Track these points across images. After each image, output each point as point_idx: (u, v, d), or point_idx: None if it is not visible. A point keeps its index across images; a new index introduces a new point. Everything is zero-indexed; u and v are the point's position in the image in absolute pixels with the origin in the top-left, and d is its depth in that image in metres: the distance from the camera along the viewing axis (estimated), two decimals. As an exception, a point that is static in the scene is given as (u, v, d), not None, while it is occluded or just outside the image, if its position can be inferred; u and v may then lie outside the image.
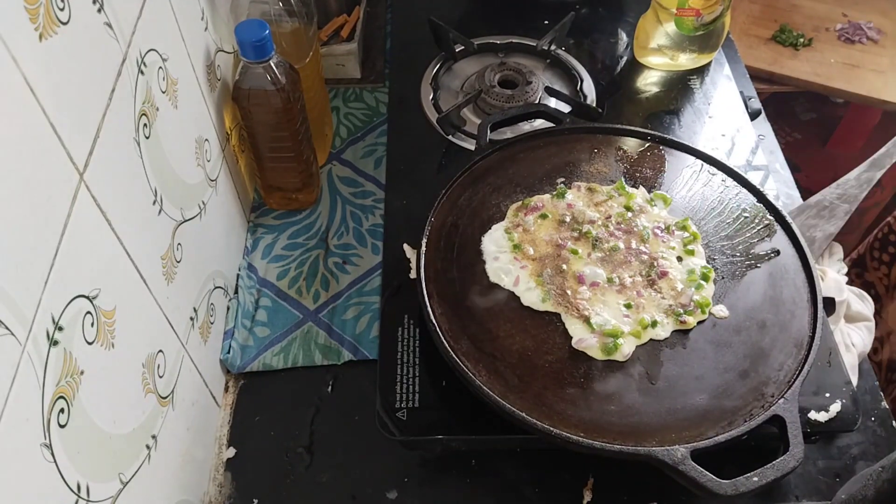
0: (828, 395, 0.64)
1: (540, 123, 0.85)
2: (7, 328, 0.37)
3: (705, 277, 0.67)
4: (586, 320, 0.64)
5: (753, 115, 0.93)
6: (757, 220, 0.73)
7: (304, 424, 0.71)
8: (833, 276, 0.76)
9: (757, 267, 0.69)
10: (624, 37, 1.02)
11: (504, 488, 0.67)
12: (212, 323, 0.72)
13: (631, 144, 0.80)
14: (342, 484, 0.67)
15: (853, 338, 0.75)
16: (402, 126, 0.89)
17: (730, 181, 0.76)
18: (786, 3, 1.60)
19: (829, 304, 0.73)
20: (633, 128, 0.81)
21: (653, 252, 0.69)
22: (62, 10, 0.44)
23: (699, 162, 0.78)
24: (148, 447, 0.55)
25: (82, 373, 0.45)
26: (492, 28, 1.00)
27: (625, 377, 0.62)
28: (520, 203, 0.73)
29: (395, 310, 0.70)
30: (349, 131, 0.96)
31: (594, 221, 0.71)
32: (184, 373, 0.63)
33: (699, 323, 0.65)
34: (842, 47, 1.53)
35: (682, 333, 0.64)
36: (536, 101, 0.90)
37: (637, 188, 0.75)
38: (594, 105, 0.91)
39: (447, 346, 0.62)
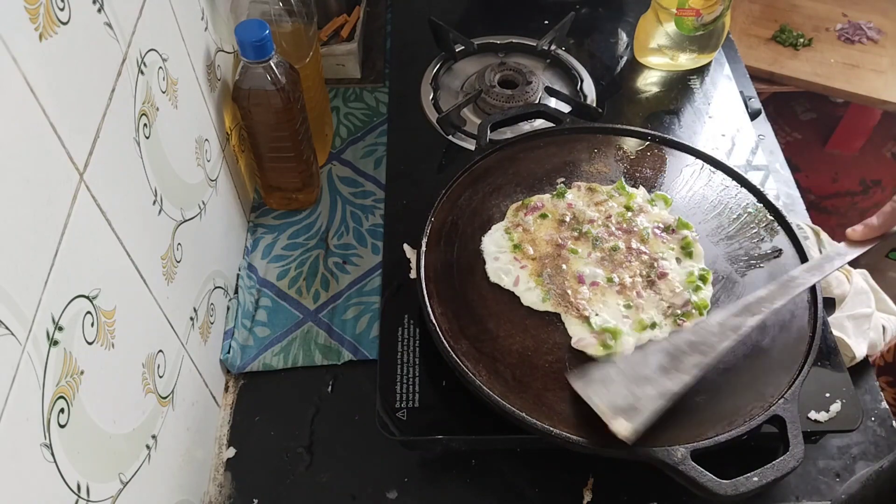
0: (828, 395, 0.64)
1: (540, 123, 0.85)
2: (7, 328, 0.37)
3: (703, 279, 0.67)
4: (586, 320, 0.64)
5: (753, 115, 0.93)
6: (757, 220, 0.73)
7: (304, 424, 0.71)
8: (835, 273, 0.76)
9: (758, 267, 0.69)
10: (624, 37, 1.02)
11: (504, 488, 0.67)
12: (212, 323, 0.72)
13: (631, 144, 0.80)
14: (342, 484, 0.67)
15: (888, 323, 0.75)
16: (402, 126, 0.89)
17: (730, 181, 0.76)
18: (786, 3, 1.60)
19: (830, 304, 0.73)
20: (633, 128, 0.81)
21: (653, 252, 0.69)
22: (62, 10, 0.44)
23: (699, 162, 0.78)
24: (148, 447, 0.55)
25: (82, 373, 0.45)
26: (492, 28, 1.00)
27: (625, 377, 0.61)
28: (520, 203, 0.73)
29: (395, 310, 0.70)
30: (349, 131, 0.96)
31: (594, 221, 0.71)
32: (184, 373, 0.63)
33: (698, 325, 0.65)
34: (842, 47, 1.53)
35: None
36: (536, 101, 0.90)
37: (637, 188, 0.75)
38: (594, 105, 0.91)
39: (447, 346, 0.62)
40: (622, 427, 0.55)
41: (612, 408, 0.57)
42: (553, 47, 0.97)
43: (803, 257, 0.69)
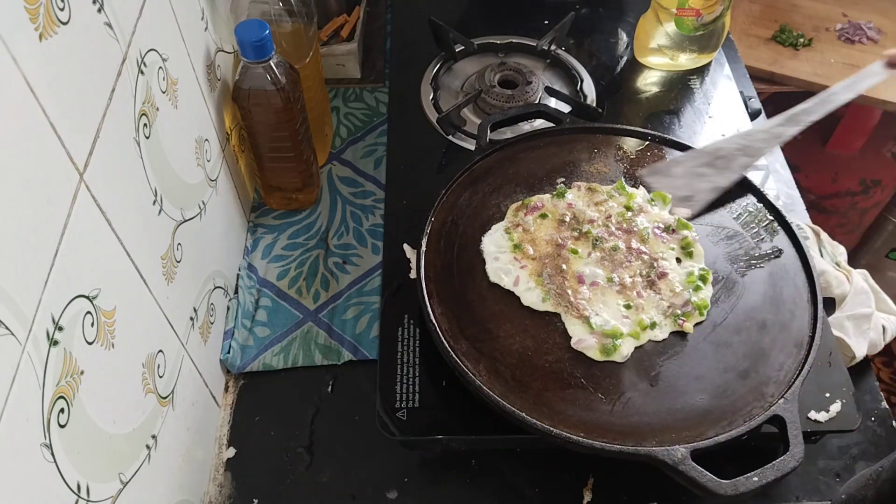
0: (828, 395, 0.64)
1: (540, 123, 0.85)
2: (7, 328, 0.37)
3: (703, 279, 0.67)
4: (586, 320, 0.64)
5: (753, 115, 0.93)
6: (757, 220, 0.73)
7: (304, 424, 0.71)
8: (834, 274, 0.76)
9: (759, 267, 0.69)
10: (624, 37, 1.02)
11: (504, 488, 0.67)
12: (212, 323, 0.72)
13: (631, 144, 0.80)
14: (342, 484, 0.67)
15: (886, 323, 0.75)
16: (402, 126, 0.89)
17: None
18: (786, 3, 1.60)
19: (829, 304, 0.73)
20: (632, 128, 0.81)
21: (653, 252, 0.69)
22: (62, 10, 0.44)
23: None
24: (148, 447, 0.55)
25: (82, 373, 0.45)
26: (492, 28, 1.00)
27: (625, 377, 0.62)
28: (520, 203, 0.73)
29: (395, 310, 0.70)
30: (349, 131, 0.96)
31: (594, 221, 0.71)
32: (184, 373, 0.63)
33: (697, 324, 0.65)
34: (842, 47, 1.53)
35: (681, 334, 0.64)
36: (536, 101, 0.90)
37: (637, 188, 0.75)
38: (594, 105, 0.91)
39: (447, 346, 0.62)
40: (683, 212, 0.70)
41: (674, 197, 0.71)
42: (553, 47, 0.97)
43: (803, 257, 0.69)
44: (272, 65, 0.72)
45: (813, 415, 0.63)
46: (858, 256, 1.70)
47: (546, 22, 1.01)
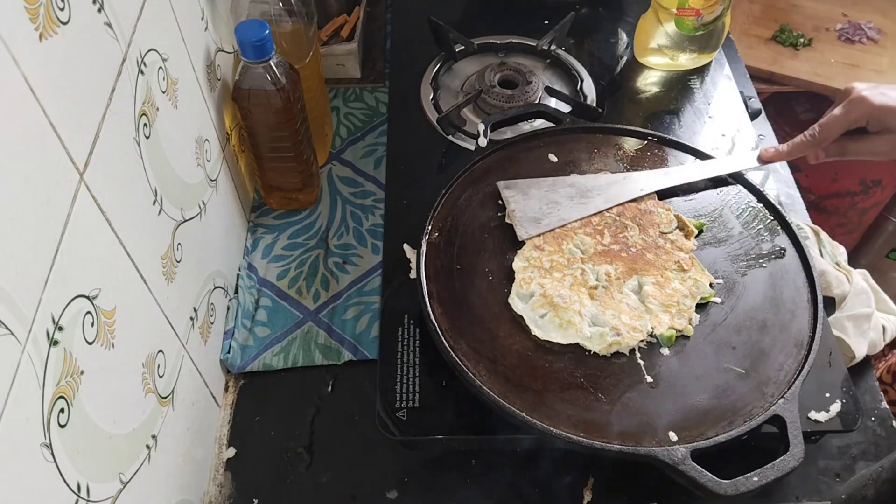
0: (828, 395, 0.64)
1: (540, 123, 0.85)
2: (7, 328, 0.37)
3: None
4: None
5: (753, 115, 0.93)
6: (757, 220, 0.73)
7: (304, 424, 0.71)
8: (834, 274, 0.76)
9: (759, 267, 0.69)
10: (624, 37, 1.02)
11: (504, 488, 0.66)
12: (212, 323, 0.72)
13: (631, 144, 0.80)
14: (342, 484, 0.67)
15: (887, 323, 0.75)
16: (402, 126, 0.89)
17: (730, 181, 0.76)
18: (786, 3, 1.60)
19: (829, 304, 0.73)
20: (632, 128, 0.81)
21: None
22: (62, 10, 0.44)
23: (699, 162, 0.78)
24: (148, 447, 0.55)
25: (82, 373, 0.45)
26: (492, 28, 1.00)
27: (625, 377, 0.62)
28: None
29: (395, 310, 0.70)
30: (349, 131, 0.96)
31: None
32: (184, 373, 0.63)
33: (698, 325, 0.65)
34: (842, 47, 1.53)
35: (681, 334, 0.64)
36: (536, 101, 0.90)
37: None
38: (594, 105, 0.91)
39: (447, 346, 0.62)
40: (522, 233, 0.69)
41: (522, 216, 0.71)
42: (553, 47, 0.97)
43: (803, 257, 0.69)
44: (272, 65, 0.72)
45: (813, 415, 0.63)
46: (858, 256, 1.70)
47: (546, 22, 1.01)
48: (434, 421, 0.63)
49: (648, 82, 0.96)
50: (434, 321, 0.64)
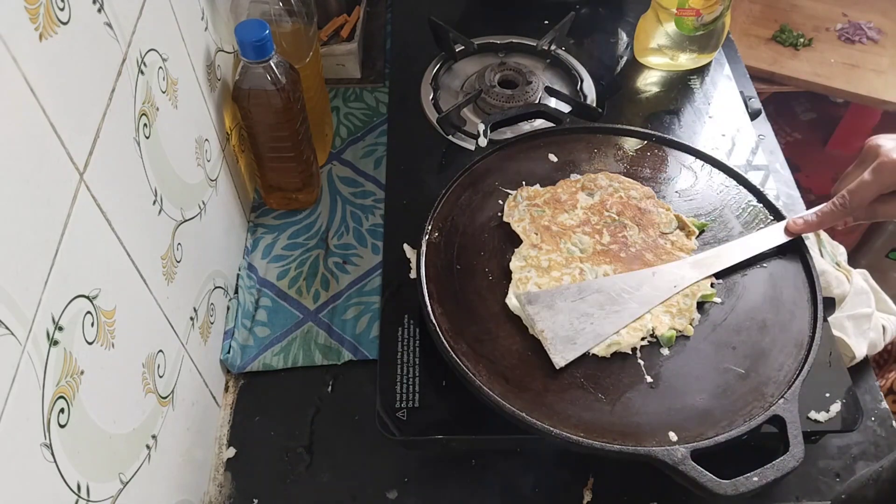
0: (828, 395, 0.64)
1: (540, 123, 0.85)
2: (7, 328, 0.37)
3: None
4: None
5: (753, 115, 0.93)
6: (757, 221, 0.73)
7: (304, 424, 0.71)
8: (834, 274, 0.76)
9: (761, 267, 0.69)
10: (624, 37, 1.02)
11: (504, 488, 0.67)
12: (212, 323, 0.72)
13: (631, 144, 0.80)
14: (342, 484, 0.67)
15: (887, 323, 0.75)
16: (402, 126, 0.89)
17: (730, 181, 0.76)
18: (786, 3, 1.60)
19: (830, 304, 0.72)
20: (633, 128, 0.81)
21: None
22: (62, 10, 0.44)
23: (699, 162, 0.78)
24: (148, 447, 0.55)
25: (82, 373, 0.45)
26: (492, 28, 1.00)
27: (625, 377, 0.62)
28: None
29: (395, 310, 0.70)
30: (349, 131, 0.96)
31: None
32: (184, 373, 0.63)
33: (698, 325, 0.65)
34: (842, 47, 1.53)
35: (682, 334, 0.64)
36: (536, 101, 0.90)
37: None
38: (594, 105, 0.91)
39: (447, 346, 0.62)
40: (559, 359, 0.61)
41: (553, 336, 0.62)
42: (553, 47, 0.97)
43: (803, 257, 0.69)
44: (272, 65, 0.72)
45: (813, 415, 0.63)
46: (858, 256, 1.70)
47: (546, 22, 1.01)
48: (434, 421, 0.63)
49: (648, 82, 0.96)
50: (434, 321, 0.64)
